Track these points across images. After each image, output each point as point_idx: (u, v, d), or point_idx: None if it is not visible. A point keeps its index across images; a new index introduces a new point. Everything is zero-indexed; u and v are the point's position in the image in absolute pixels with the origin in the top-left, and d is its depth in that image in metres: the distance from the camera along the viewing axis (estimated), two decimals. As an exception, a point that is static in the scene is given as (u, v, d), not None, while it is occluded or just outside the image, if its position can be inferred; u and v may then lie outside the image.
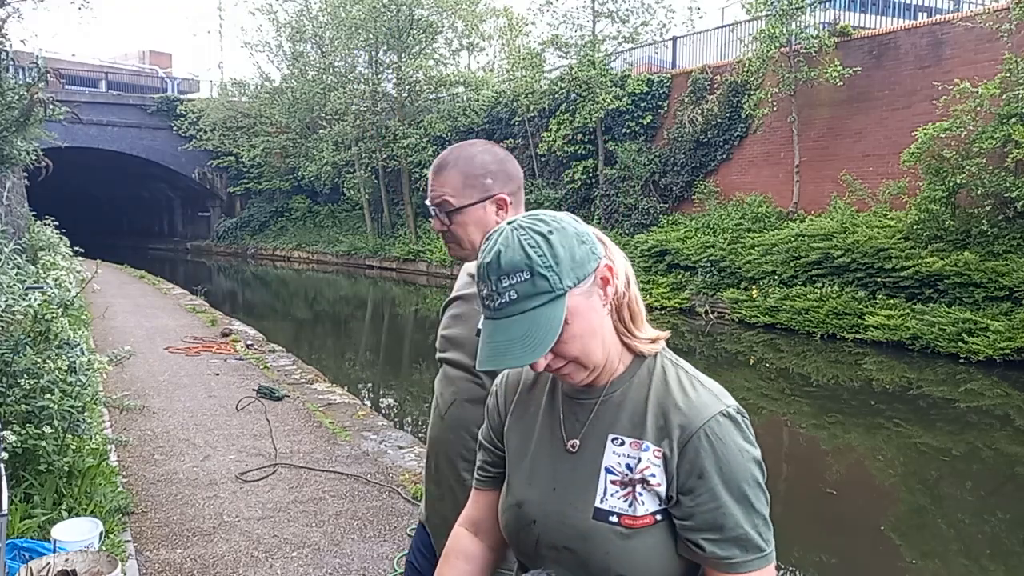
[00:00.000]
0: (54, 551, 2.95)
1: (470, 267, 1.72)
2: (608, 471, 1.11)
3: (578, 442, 1.15)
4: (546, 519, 1.15)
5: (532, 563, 1.18)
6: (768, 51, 14.66)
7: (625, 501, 1.10)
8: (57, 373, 3.68)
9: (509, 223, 1.09)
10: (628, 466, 1.10)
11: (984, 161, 10.73)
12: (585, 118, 18.69)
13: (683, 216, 17.23)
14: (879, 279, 11.88)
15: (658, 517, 1.09)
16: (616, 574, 1.09)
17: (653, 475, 1.09)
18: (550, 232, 1.06)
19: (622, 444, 1.12)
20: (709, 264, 14.68)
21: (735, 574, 1.06)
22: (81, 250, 12.27)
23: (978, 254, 10.80)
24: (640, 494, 1.09)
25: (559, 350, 1.08)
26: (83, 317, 9.36)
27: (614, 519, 1.09)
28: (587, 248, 1.08)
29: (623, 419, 1.13)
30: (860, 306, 11.76)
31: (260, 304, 19.75)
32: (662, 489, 1.08)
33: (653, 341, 1.16)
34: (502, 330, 1.06)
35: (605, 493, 1.11)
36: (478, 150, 1.71)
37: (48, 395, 3.58)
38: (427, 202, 1.72)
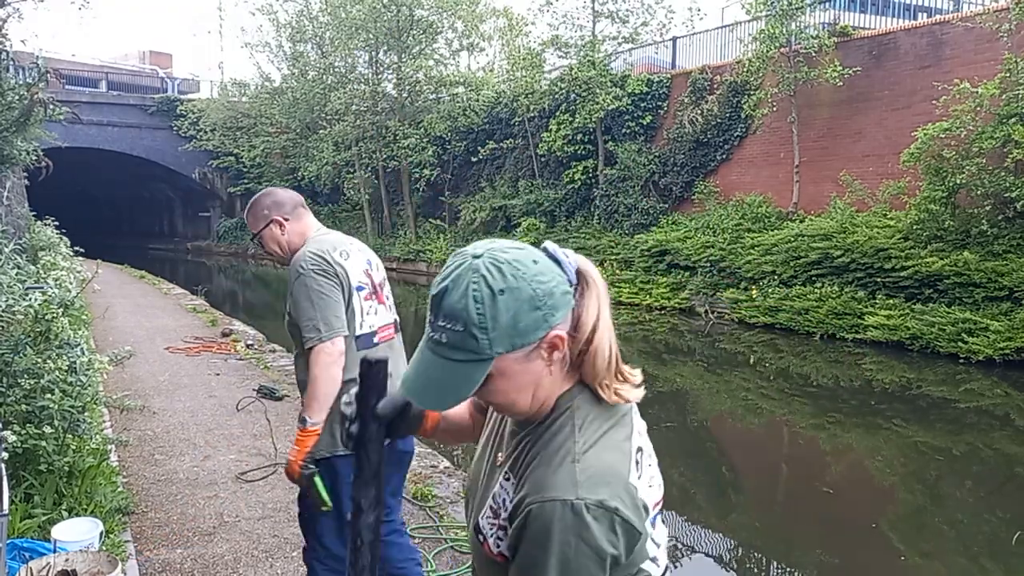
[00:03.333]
0: (54, 551, 2.96)
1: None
2: (492, 498, 1.14)
3: (500, 458, 1.18)
4: (468, 521, 1.22)
5: None
6: (768, 51, 14.66)
7: (491, 529, 1.12)
8: (57, 373, 3.69)
9: (475, 256, 1.03)
10: (502, 501, 1.12)
11: (984, 161, 10.73)
12: (585, 118, 18.68)
13: (683, 216, 17.23)
14: (879, 279, 11.88)
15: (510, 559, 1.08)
16: None
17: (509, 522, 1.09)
18: (501, 291, 1.00)
19: (508, 479, 1.12)
20: (709, 264, 14.68)
21: None
22: (81, 250, 12.26)
23: (978, 254, 10.80)
24: (503, 533, 1.09)
25: (482, 395, 1.07)
26: (83, 317, 9.36)
27: (480, 538, 1.14)
28: (539, 315, 1.02)
29: (520, 458, 1.12)
30: (860, 306, 11.76)
31: (260, 304, 19.75)
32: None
33: (636, 386, 1.13)
34: (426, 364, 1.05)
35: (485, 514, 1.14)
36: (260, 195, 2.74)
37: (48, 395, 3.58)
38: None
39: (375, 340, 2.58)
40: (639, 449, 1.11)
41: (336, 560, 2.56)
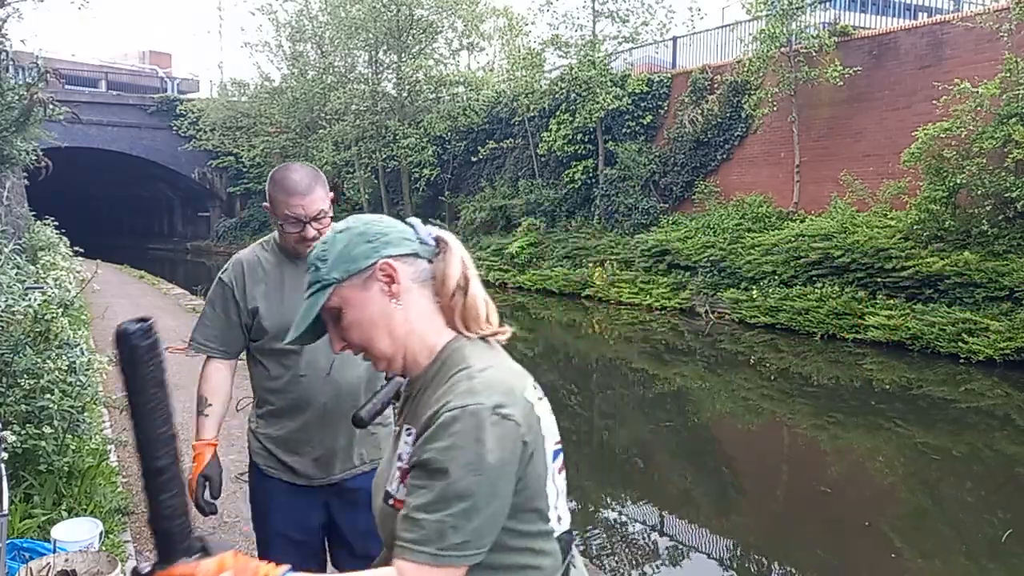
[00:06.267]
0: (54, 551, 2.95)
1: None
2: (399, 458, 1.18)
3: (398, 429, 1.24)
4: (374, 504, 1.23)
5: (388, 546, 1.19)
6: (768, 51, 14.65)
7: (399, 483, 1.16)
8: (57, 373, 3.68)
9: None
10: (406, 452, 1.17)
11: (984, 161, 10.73)
12: (585, 118, 18.68)
13: (683, 216, 17.21)
14: (879, 279, 11.88)
15: None
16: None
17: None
18: (339, 232, 1.20)
19: (410, 432, 1.17)
20: (709, 264, 14.67)
21: (397, 557, 1.06)
22: (81, 250, 12.26)
23: (978, 254, 10.80)
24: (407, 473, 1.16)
25: (345, 336, 1.20)
26: (83, 317, 9.35)
27: (390, 501, 1.16)
28: (370, 247, 1.17)
29: (418, 411, 1.17)
30: (860, 306, 11.75)
31: (260, 304, 19.72)
32: None
33: (493, 335, 1.21)
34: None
35: (393, 478, 1.18)
36: (318, 170, 2.19)
37: (48, 395, 3.57)
38: (294, 214, 2.10)
39: None
40: (534, 385, 1.20)
41: None
